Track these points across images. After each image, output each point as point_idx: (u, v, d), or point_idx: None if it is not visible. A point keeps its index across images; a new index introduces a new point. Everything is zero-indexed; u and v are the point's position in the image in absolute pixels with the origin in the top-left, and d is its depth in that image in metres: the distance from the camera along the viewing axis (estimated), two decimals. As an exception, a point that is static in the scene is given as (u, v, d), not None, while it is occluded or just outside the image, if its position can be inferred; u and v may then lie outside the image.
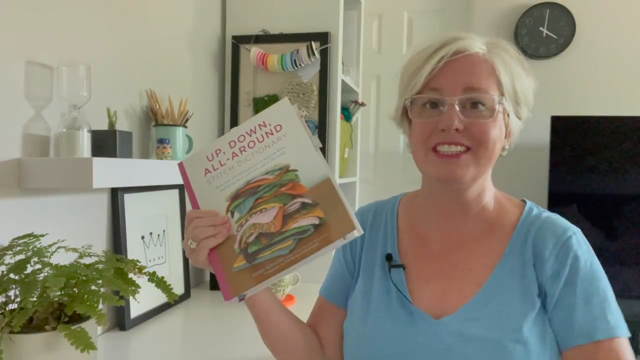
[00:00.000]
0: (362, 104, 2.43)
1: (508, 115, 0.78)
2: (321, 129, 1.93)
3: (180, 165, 0.80)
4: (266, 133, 0.75)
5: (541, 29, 2.55)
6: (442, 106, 0.75)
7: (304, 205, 0.70)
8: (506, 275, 0.76)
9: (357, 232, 0.66)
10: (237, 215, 0.74)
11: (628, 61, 2.51)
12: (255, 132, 0.76)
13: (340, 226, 0.67)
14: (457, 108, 0.74)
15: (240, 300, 0.73)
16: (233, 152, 0.76)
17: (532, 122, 0.82)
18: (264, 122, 0.76)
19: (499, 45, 0.79)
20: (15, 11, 1.05)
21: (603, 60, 2.54)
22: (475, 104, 0.75)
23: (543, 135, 2.31)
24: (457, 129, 0.73)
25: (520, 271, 0.76)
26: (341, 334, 0.88)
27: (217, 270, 0.73)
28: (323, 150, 1.93)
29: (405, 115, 0.82)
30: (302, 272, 1.67)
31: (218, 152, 0.77)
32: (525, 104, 0.80)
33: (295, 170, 0.72)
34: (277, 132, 0.75)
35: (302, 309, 1.01)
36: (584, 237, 0.78)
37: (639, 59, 2.51)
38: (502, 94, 0.76)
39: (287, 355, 0.87)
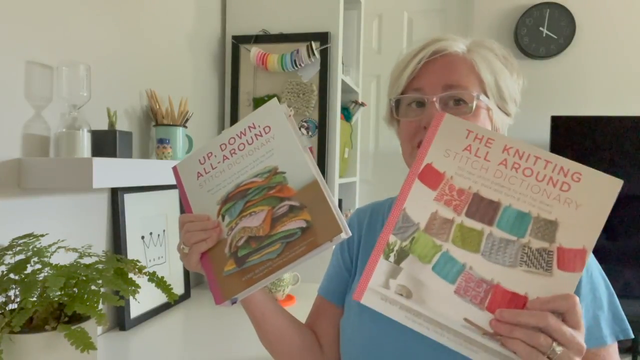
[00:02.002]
0: (362, 104, 2.43)
1: (492, 111, 0.79)
2: (321, 129, 1.93)
3: (174, 169, 0.81)
4: (255, 135, 0.74)
5: (541, 29, 2.55)
6: (425, 105, 0.78)
7: (291, 208, 0.69)
8: None
9: (345, 235, 0.66)
10: (227, 218, 0.74)
11: (628, 61, 2.51)
12: (245, 134, 0.75)
13: (327, 229, 0.66)
14: (438, 105, 0.76)
15: (233, 303, 0.72)
16: (224, 155, 0.76)
17: (532, 122, 0.83)
18: (253, 123, 0.75)
19: (483, 45, 0.81)
20: (16, 11, 1.05)
21: (603, 60, 2.54)
22: (457, 102, 0.77)
23: (543, 135, 2.31)
24: None
25: None
26: (339, 332, 0.88)
27: (208, 274, 0.74)
28: (323, 150, 1.93)
29: (393, 116, 0.85)
30: (302, 272, 1.67)
31: (209, 155, 0.77)
32: (511, 100, 0.81)
33: (284, 173, 0.71)
34: (266, 133, 0.74)
35: (302, 309, 1.01)
36: None
37: (639, 59, 2.51)
38: (483, 90, 0.78)
39: (285, 356, 0.87)
